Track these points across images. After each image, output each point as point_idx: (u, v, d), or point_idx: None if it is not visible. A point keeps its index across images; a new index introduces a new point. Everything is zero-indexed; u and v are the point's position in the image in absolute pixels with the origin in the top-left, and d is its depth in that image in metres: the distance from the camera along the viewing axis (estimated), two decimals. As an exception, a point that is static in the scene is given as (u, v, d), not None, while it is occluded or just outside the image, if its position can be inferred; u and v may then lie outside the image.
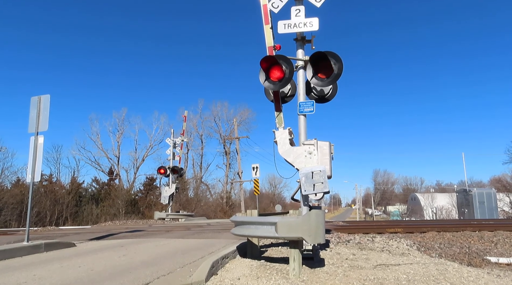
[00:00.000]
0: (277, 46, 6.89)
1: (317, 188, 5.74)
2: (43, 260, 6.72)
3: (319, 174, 5.79)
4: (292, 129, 6.56)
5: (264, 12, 7.17)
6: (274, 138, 6.43)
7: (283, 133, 6.39)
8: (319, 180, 5.77)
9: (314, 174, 5.78)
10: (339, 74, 6.26)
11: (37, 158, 8.50)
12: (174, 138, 26.77)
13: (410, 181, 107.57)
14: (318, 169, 5.84)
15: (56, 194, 32.88)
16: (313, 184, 5.75)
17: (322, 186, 5.74)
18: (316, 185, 5.74)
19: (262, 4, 7.19)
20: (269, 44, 6.94)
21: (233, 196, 52.32)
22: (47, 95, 8.84)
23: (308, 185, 5.76)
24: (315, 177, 5.78)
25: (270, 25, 7.05)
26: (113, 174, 46.07)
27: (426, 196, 63.88)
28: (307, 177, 5.78)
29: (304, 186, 5.77)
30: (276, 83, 6.52)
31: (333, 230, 13.03)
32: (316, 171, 5.80)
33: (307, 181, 5.77)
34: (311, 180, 5.77)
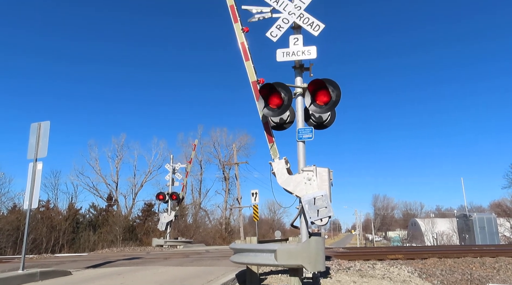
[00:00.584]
0: (260, 80, 7.07)
1: (322, 213, 5.73)
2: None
3: (322, 198, 5.79)
4: (291, 156, 6.60)
5: (242, 49, 7.41)
6: (272, 170, 6.44)
7: (280, 164, 6.41)
8: (322, 205, 5.76)
9: (316, 199, 5.78)
10: (337, 101, 6.36)
11: (35, 184, 8.47)
12: (173, 164, 26.74)
13: (410, 206, 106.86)
14: (320, 194, 5.84)
15: (53, 220, 32.49)
16: (317, 209, 5.75)
17: (326, 210, 5.73)
18: (320, 210, 5.73)
19: (240, 42, 7.42)
20: (252, 79, 7.13)
21: (232, 222, 51.76)
22: (47, 122, 8.90)
23: (312, 211, 5.75)
24: (318, 202, 5.78)
25: (250, 61, 7.25)
26: (112, 200, 45.70)
27: (427, 221, 63.31)
28: (310, 204, 5.77)
29: (309, 213, 5.76)
30: (275, 110, 6.60)
31: (333, 257, 12.85)
32: (318, 196, 5.81)
33: (311, 208, 5.76)
34: (314, 206, 5.77)
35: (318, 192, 5.87)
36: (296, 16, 7.03)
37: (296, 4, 7.12)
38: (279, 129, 7.19)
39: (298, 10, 7.05)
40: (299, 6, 7.08)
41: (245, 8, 7.54)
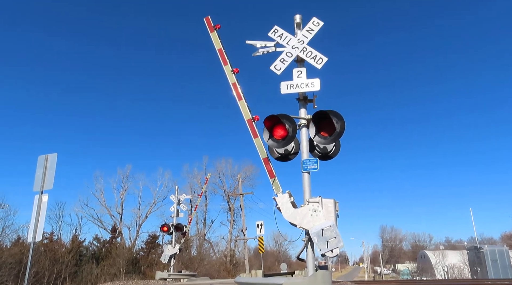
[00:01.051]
0: (255, 117, 7.20)
1: (331, 244, 5.64)
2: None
3: (330, 229, 5.71)
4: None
5: (235, 90, 7.61)
6: (276, 205, 6.39)
7: (284, 198, 6.36)
8: (332, 235, 5.68)
9: (324, 231, 5.70)
10: (342, 132, 6.40)
11: (40, 216, 8.45)
12: (178, 195, 26.60)
13: (419, 238, 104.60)
14: (327, 224, 5.77)
15: (56, 253, 32.09)
16: (326, 241, 5.66)
17: (336, 241, 5.64)
18: (329, 242, 5.64)
19: (231, 83, 7.64)
20: (247, 117, 7.25)
21: (237, 254, 50.79)
22: (54, 154, 8.98)
23: (321, 243, 5.65)
24: (326, 233, 5.69)
25: (243, 100, 7.41)
26: (115, 232, 45.22)
27: (436, 253, 61.72)
28: (318, 236, 5.68)
29: (318, 245, 5.66)
30: (280, 142, 6.64)
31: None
32: (326, 227, 5.73)
33: (320, 240, 5.66)
34: (323, 237, 5.67)
35: (325, 223, 5.79)
36: (299, 50, 7.20)
37: (299, 39, 7.31)
38: (284, 160, 7.21)
39: (301, 44, 7.23)
40: (302, 41, 7.27)
41: (249, 43, 7.75)
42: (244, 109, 7.30)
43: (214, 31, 8.27)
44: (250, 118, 7.17)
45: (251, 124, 7.13)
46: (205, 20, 8.41)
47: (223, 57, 8.01)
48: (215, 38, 8.22)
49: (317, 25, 7.40)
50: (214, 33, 8.26)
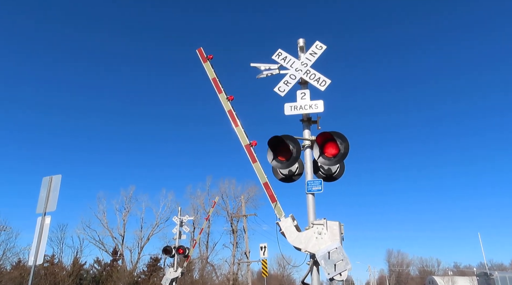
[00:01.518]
0: (253, 143, 7.25)
1: (339, 267, 5.51)
2: None
3: (336, 251, 5.60)
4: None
5: (231, 117, 7.71)
6: (280, 230, 6.31)
7: (287, 222, 6.27)
8: (339, 258, 5.56)
9: (331, 253, 5.59)
10: (346, 154, 6.37)
11: (42, 239, 8.37)
12: (181, 217, 26.35)
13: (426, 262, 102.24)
14: (334, 247, 5.66)
15: (57, 276, 31.66)
16: (333, 264, 5.53)
17: (344, 263, 5.52)
18: (337, 265, 5.52)
19: (227, 110, 7.76)
20: (245, 143, 7.29)
21: (240, 278, 49.82)
22: (59, 176, 8.98)
23: (329, 267, 5.53)
24: (333, 256, 5.57)
25: (240, 126, 7.49)
26: (117, 254, 44.66)
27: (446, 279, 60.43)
28: (325, 259, 5.56)
29: (326, 270, 5.53)
30: (284, 162, 6.62)
31: (347, 317, 12.15)
32: (332, 250, 5.62)
33: (327, 263, 5.54)
34: (330, 260, 5.55)
35: (331, 245, 5.68)
36: (303, 72, 7.27)
37: (303, 62, 7.39)
38: (288, 181, 7.15)
39: (305, 67, 7.30)
40: (306, 63, 7.35)
41: (253, 66, 7.86)
42: (241, 135, 7.38)
43: (207, 61, 8.55)
44: (247, 144, 7.22)
45: (249, 149, 7.19)
46: (198, 52, 8.71)
47: (217, 86, 8.22)
48: (208, 68, 8.46)
49: (320, 48, 7.50)
50: (207, 63, 8.51)
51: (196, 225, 53.01)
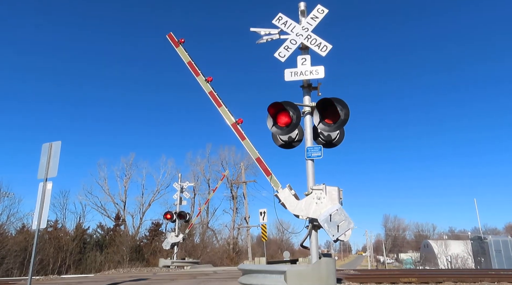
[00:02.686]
0: (239, 121, 7.24)
1: (342, 228, 5.62)
2: (43, 311, 6.48)
3: (338, 213, 5.68)
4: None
5: (212, 98, 7.74)
6: (279, 201, 6.37)
7: (285, 193, 6.34)
8: (341, 219, 5.65)
9: (332, 216, 5.68)
10: (346, 120, 6.33)
11: (44, 204, 8.47)
12: (181, 183, 26.70)
13: (422, 227, 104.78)
14: (334, 208, 5.74)
15: (61, 240, 32.43)
16: (336, 225, 5.63)
17: (346, 223, 5.62)
18: (340, 225, 5.62)
19: (208, 92, 7.70)
20: (231, 122, 7.34)
21: (240, 242, 51.12)
22: (58, 142, 8.98)
23: (332, 228, 5.63)
24: (335, 218, 5.67)
25: (223, 106, 7.45)
26: (119, 219, 45.58)
27: (440, 243, 61.86)
28: (327, 222, 5.65)
29: (330, 231, 5.63)
30: (284, 129, 6.59)
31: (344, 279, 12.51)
32: (333, 212, 5.70)
33: (330, 225, 5.64)
34: (332, 222, 5.64)
35: (332, 208, 5.76)
36: (303, 37, 7.10)
37: (304, 26, 7.20)
38: (288, 147, 7.16)
39: (306, 32, 7.12)
40: (307, 28, 7.16)
41: (253, 30, 7.66)
42: (226, 114, 7.40)
43: (180, 45, 8.49)
44: (233, 122, 7.26)
45: (236, 128, 7.24)
46: (168, 37, 8.64)
47: (193, 69, 8.19)
48: (181, 52, 8.39)
49: (321, 12, 7.29)
50: (180, 47, 8.46)
51: (197, 191, 53.81)
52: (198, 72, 8.01)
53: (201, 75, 7.93)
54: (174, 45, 8.42)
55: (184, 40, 8.41)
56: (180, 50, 8.32)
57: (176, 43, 8.41)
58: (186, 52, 8.31)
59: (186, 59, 8.22)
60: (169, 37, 8.51)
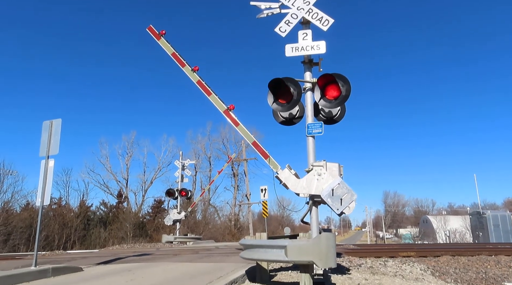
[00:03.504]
0: (231, 107, 7.20)
1: (346, 200, 5.66)
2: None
3: (340, 186, 5.71)
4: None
5: (201, 87, 7.65)
6: (281, 182, 6.38)
7: (285, 173, 6.34)
8: (343, 192, 5.69)
9: (334, 190, 5.70)
10: (347, 96, 6.28)
11: (47, 181, 8.54)
12: (183, 161, 26.84)
13: (421, 203, 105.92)
14: (336, 183, 5.76)
15: (65, 217, 32.90)
16: (339, 199, 5.67)
17: (349, 196, 5.66)
18: (343, 199, 5.66)
19: (196, 81, 7.67)
20: (222, 109, 7.31)
21: (241, 219, 51.86)
22: (59, 120, 8.97)
23: (336, 202, 5.66)
24: (337, 192, 5.70)
25: (213, 94, 7.45)
26: (122, 197, 46.10)
27: (439, 218, 62.60)
28: (330, 197, 5.68)
29: (333, 206, 5.67)
30: (284, 105, 6.55)
31: (344, 254, 12.75)
32: (335, 186, 5.73)
33: (333, 199, 5.67)
34: (335, 196, 5.68)
35: (333, 182, 5.78)
36: (305, 11, 6.95)
37: (305, 0, 7.04)
38: (289, 124, 7.14)
39: (307, 5, 6.97)
40: (308, 1, 7.00)
41: (253, 4, 7.49)
42: (217, 102, 7.38)
43: (161, 37, 8.37)
44: (225, 109, 7.24)
45: (228, 114, 7.23)
46: (149, 31, 8.55)
47: (178, 60, 8.14)
48: (164, 44, 8.29)
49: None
50: (162, 39, 8.34)
51: (198, 168, 54.15)
52: (184, 63, 8.01)
53: (187, 65, 7.92)
54: (156, 38, 8.40)
55: (165, 32, 8.38)
56: (162, 42, 8.30)
57: (158, 36, 8.37)
58: (168, 43, 8.27)
59: (169, 51, 8.21)
60: (149, 30, 8.50)
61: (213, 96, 7.41)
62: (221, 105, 7.31)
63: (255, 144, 6.96)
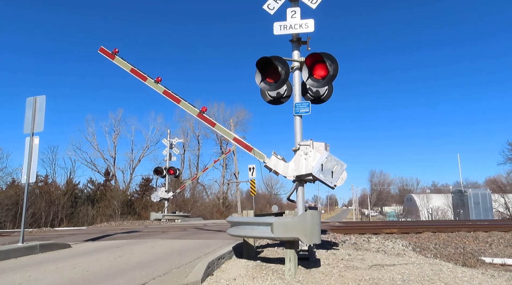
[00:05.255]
0: (203, 109, 7.24)
1: (337, 172, 5.76)
2: (38, 261, 6.70)
3: (328, 159, 5.80)
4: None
5: (168, 96, 7.69)
6: (270, 170, 6.43)
7: (272, 161, 6.39)
8: (333, 164, 5.78)
9: (324, 164, 5.79)
10: (335, 76, 6.30)
11: (32, 158, 8.47)
12: (171, 139, 26.75)
13: (406, 182, 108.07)
14: (324, 157, 5.84)
15: (52, 195, 32.74)
16: (330, 172, 5.76)
17: (339, 167, 5.75)
18: (334, 171, 5.75)
19: (162, 92, 7.73)
20: (195, 113, 7.35)
21: (229, 197, 52.34)
22: (43, 96, 8.82)
23: (327, 176, 5.75)
24: (327, 165, 5.78)
25: (182, 100, 7.49)
26: (109, 175, 45.97)
27: (422, 196, 64.10)
28: (320, 171, 5.76)
29: (327, 180, 5.75)
30: (272, 85, 6.55)
31: (329, 231, 13.06)
32: (323, 161, 5.81)
33: (324, 173, 5.76)
34: (326, 170, 5.76)
35: (321, 157, 5.86)
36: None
37: (295, -25, 6.93)
38: (276, 103, 7.17)
39: (296, -18, 6.87)
40: (297, -23, 6.90)
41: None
42: (188, 108, 7.45)
43: (115, 56, 8.30)
44: (198, 113, 7.28)
45: (202, 117, 7.28)
46: (101, 52, 8.44)
47: (139, 75, 8.14)
48: (120, 62, 8.24)
49: (313, -40, 6.99)
50: (116, 58, 8.28)
51: (186, 147, 54.07)
52: (145, 77, 8.00)
53: (149, 78, 7.90)
54: (110, 58, 8.32)
55: (118, 50, 8.30)
56: (118, 61, 8.25)
57: (111, 55, 8.30)
58: (124, 60, 8.22)
59: (127, 68, 8.20)
60: (101, 51, 8.43)
61: (182, 102, 7.49)
62: (193, 110, 7.37)
63: (236, 140, 7.05)
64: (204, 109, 7.23)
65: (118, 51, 8.27)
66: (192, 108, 7.37)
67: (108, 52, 8.31)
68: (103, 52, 8.35)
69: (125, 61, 8.19)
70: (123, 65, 8.19)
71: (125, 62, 8.19)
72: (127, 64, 8.15)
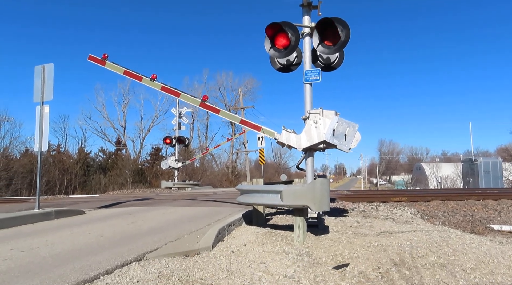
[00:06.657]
0: (204, 98, 7.14)
1: (350, 134, 5.75)
2: (54, 227, 6.90)
3: (339, 124, 5.77)
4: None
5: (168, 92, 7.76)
6: (283, 146, 6.42)
7: (284, 135, 6.35)
8: (345, 127, 5.76)
9: (335, 130, 5.77)
10: (346, 42, 6.14)
11: (43, 127, 8.55)
12: (179, 109, 26.75)
13: (416, 151, 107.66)
14: (334, 122, 5.81)
15: (65, 163, 33.40)
16: (344, 135, 5.76)
17: (351, 128, 5.75)
18: (347, 134, 5.75)
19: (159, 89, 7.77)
20: (197, 103, 7.38)
21: (238, 166, 52.85)
22: (51, 64, 8.77)
23: (341, 140, 5.75)
24: (339, 129, 5.76)
25: (181, 93, 7.54)
26: (120, 144, 46.51)
27: (431, 165, 63.87)
28: (333, 137, 5.75)
29: (341, 145, 5.75)
30: (282, 51, 6.42)
31: (338, 199, 13.17)
32: (334, 126, 5.79)
33: (338, 139, 5.75)
34: (338, 135, 5.75)
35: (331, 122, 5.83)
36: None
37: None
38: (286, 71, 7.05)
39: None
40: None
41: None
42: (190, 99, 7.41)
43: (106, 61, 8.12)
44: (200, 102, 7.22)
45: (204, 105, 7.25)
46: (91, 60, 8.24)
47: (133, 76, 7.97)
48: (112, 67, 8.09)
49: None
50: (108, 63, 8.12)
51: (195, 116, 54.13)
52: (140, 76, 7.88)
53: (144, 77, 7.76)
54: (101, 64, 8.17)
55: (107, 55, 8.14)
56: (109, 65, 8.11)
57: (101, 61, 8.14)
58: (116, 64, 8.09)
59: (120, 71, 8.10)
60: (90, 59, 8.27)
61: (182, 95, 7.50)
62: (194, 101, 7.36)
63: (243, 121, 7.03)
64: (205, 98, 7.25)
65: (107, 56, 8.22)
66: (193, 100, 7.40)
67: (97, 59, 8.28)
68: (93, 59, 8.34)
69: (116, 65, 8.14)
70: (116, 69, 8.16)
71: (117, 65, 8.14)
72: (120, 67, 8.10)
